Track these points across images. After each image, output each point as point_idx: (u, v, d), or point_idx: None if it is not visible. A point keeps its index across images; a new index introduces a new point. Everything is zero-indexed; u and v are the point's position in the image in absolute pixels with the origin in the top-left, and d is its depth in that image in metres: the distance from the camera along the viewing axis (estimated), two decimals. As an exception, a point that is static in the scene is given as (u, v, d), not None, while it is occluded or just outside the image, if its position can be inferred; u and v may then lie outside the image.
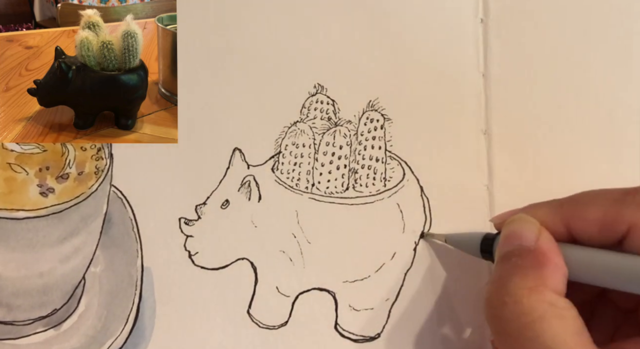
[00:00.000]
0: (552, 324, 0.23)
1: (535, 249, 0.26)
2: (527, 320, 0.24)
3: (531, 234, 0.26)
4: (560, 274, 0.25)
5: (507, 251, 0.26)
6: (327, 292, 0.32)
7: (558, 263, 0.25)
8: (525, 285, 0.24)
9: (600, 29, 0.36)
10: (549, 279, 0.24)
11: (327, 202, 0.32)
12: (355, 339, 0.32)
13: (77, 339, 0.30)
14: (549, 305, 0.24)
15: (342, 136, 0.33)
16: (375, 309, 0.32)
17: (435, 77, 0.34)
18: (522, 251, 0.26)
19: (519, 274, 0.25)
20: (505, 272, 0.25)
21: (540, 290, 0.24)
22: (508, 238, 0.27)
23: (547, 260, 0.25)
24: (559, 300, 0.24)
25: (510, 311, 0.24)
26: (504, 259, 0.26)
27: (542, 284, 0.24)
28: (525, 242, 0.26)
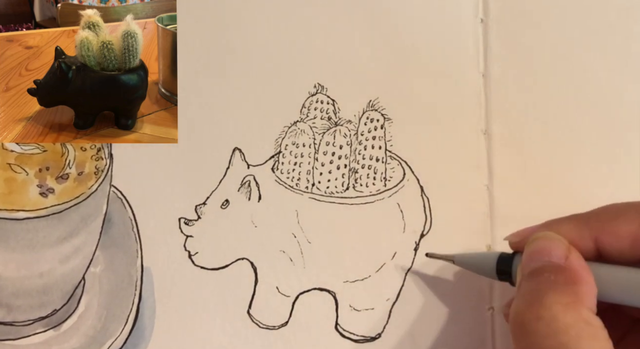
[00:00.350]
0: (587, 345, 0.22)
1: (567, 267, 0.25)
2: (564, 339, 0.23)
3: (561, 251, 0.25)
4: (593, 293, 0.24)
5: (537, 266, 0.25)
6: (327, 292, 0.32)
7: (590, 282, 0.24)
8: (561, 300, 0.23)
9: (600, 29, 0.36)
10: (584, 297, 0.24)
11: (328, 202, 0.32)
12: (356, 340, 0.32)
13: (77, 340, 0.30)
14: (585, 324, 0.23)
15: (342, 136, 0.33)
16: (375, 310, 0.32)
17: (435, 77, 0.34)
18: (554, 267, 0.25)
19: (554, 289, 0.24)
20: (539, 286, 0.24)
21: (577, 307, 0.23)
22: (535, 254, 0.26)
23: (580, 277, 0.24)
24: (594, 319, 0.23)
25: (546, 326, 0.23)
26: (534, 274, 0.25)
27: (579, 301, 0.23)
28: (555, 259, 0.25)
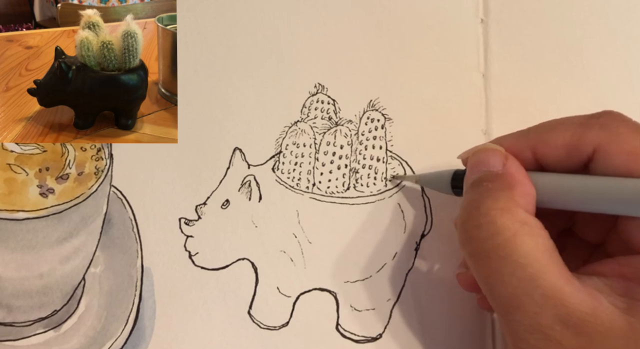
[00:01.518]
0: (524, 242, 0.24)
1: (504, 173, 0.26)
2: (501, 239, 0.24)
3: (497, 159, 0.27)
4: (529, 196, 0.26)
5: (477, 177, 0.27)
6: (328, 292, 0.32)
7: (527, 184, 0.26)
8: (497, 206, 0.25)
9: (600, 29, 0.36)
10: (519, 200, 0.25)
11: (328, 202, 0.32)
12: (357, 340, 0.32)
13: (77, 340, 0.30)
14: (521, 224, 0.24)
15: (342, 136, 0.33)
16: (376, 310, 0.32)
17: (435, 77, 0.34)
18: (491, 176, 0.26)
19: (491, 196, 0.25)
20: (477, 196, 0.26)
21: (513, 210, 0.24)
22: (476, 166, 0.27)
23: (516, 182, 0.26)
24: (531, 219, 0.25)
25: (485, 231, 0.24)
26: (473, 185, 0.27)
27: (514, 204, 0.25)
28: (493, 167, 0.26)
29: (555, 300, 0.23)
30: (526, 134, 0.28)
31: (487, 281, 0.25)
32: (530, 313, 0.23)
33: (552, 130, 0.27)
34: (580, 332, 0.23)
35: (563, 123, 0.27)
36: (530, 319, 0.23)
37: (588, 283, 0.24)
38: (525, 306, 0.23)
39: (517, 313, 0.23)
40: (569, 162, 0.26)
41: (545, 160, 0.27)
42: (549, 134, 0.27)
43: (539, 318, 0.23)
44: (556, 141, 0.26)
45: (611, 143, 0.25)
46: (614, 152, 0.25)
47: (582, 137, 0.25)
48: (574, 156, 0.26)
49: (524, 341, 0.23)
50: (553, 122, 0.27)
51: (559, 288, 0.23)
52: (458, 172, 0.29)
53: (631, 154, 0.24)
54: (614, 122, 0.25)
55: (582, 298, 0.23)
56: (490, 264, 0.24)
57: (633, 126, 0.25)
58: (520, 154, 0.27)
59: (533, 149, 0.27)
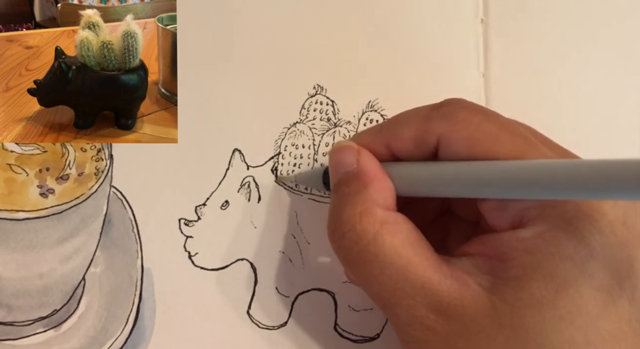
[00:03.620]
0: (386, 242, 0.24)
1: (358, 171, 0.26)
2: (363, 244, 0.24)
3: (351, 157, 0.27)
4: (386, 190, 0.26)
5: (336, 181, 0.27)
6: (326, 292, 0.32)
7: (382, 179, 0.26)
8: (355, 211, 0.25)
9: (600, 29, 0.36)
10: (376, 198, 0.25)
11: (327, 203, 0.32)
12: (355, 340, 0.32)
13: (77, 340, 0.30)
14: (380, 224, 0.25)
15: (341, 137, 0.33)
16: (374, 310, 0.32)
17: (435, 77, 0.34)
18: (347, 177, 0.27)
19: (348, 202, 0.26)
20: (337, 202, 0.26)
21: (370, 211, 0.25)
22: (334, 166, 0.28)
23: (370, 179, 0.26)
24: (389, 216, 0.25)
25: (348, 239, 0.25)
26: (334, 190, 0.27)
27: (371, 205, 0.25)
28: (348, 167, 0.27)
29: (425, 290, 0.23)
30: (380, 129, 0.28)
31: (362, 283, 0.25)
32: (406, 306, 0.24)
33: (401, 124, 0.27)
34: (452, 317, 0.23)
35: (410, 117, 0.27)
36: (407, 312, 0.24)
37: (457, 266, 0.24)
38: (400, 300, 0.24)
39: (394, 308, 0.24)
40: (419, 154, 0.27)
41: (399, 153, 0.27)
42: (398, 129, 0.27)
43: (413, 309, 0.24)
44: (404, 135, 0.27)
45: (452, 131, 0.25)
46: (454, 139, 0.25)
47: (425, 130, 0.26)
48: (422, 148, 0.26)
49: (406, 333, 0.24)
50: (402, 116, 0.28)
51: (427, 277, 0.24)
52: (328, 169, 0.29)
53: (469, 138, 0.25)
54: (454, 111, 0.26)
55: (449, 283, 0.23)
56: (360, 268, 0.25)
57: (473, 111, 0.26)
58: (377, 150, 0.27)
59: (387, 143, 0.27)
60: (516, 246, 0.23)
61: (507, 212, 0.25)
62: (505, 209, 0.25)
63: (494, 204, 0.25)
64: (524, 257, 0.23)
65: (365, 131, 0.29)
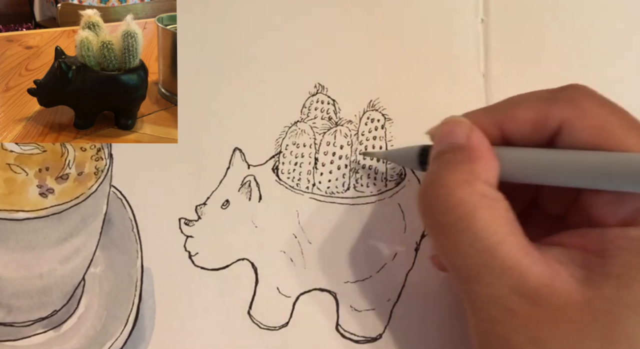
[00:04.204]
0: (483, 215, 0.24)
1: (467, 145, 0.26)
2: (460, 212, 0.24)
3: (462, 131, 0.26)
4: (492, 169, 0.25)
5: (440, 149, 0.27)
6: (328, 292, 0.32)
7: (490, 158, 0.25)
8: (457, 178, 0.25)
9: (600, 29, 0.36)
10: (480, 172, 0.25)
11: (328, 202, 0.32)
12: (357, 340, 0.32)
13: (77, 341, 0.30)
14: (480, 196, 0.24)
15: (342, 136, 0.33)
16: (376, 310, 0.32)
17: (435, 77, 0.34)
18: (454, 148, 0.26)
19: (451, 168, 0.25)
20: (437, 167, 0.26)
21: (472, 182, 0.24)
22: (440, 138, 0.27)
23: (479, 154, 0.25)
24: (491, 191, 0.25)
25: (444, 203, 0.24)
26: (437, 156, 0.26)
27: (474, 177, 0.25)
28: (457, 139, 0.26)
29: (513, 271, 0.23)
30: (492, 109, 0.27)
31: (447, 252, 0.25)
32: (488, 284, 0.23)
33: (518, 105, 0.26)
34: (536, 303, 0.23)
35: (529, 98, 0.27)
36: (488, 289, 0.23)
37: (548, 254, 0.24)
38: (484, 277, 0.23)
39: (475, 284, 0.24)
40: (535, 138, 0.26)
41: (512, 136, 0.27)
42: (515, 110, 0.26)
43: (495, 288, 0.23)
44: (522, 117, 0.26)
45: (577, 118, 0.25)
46: (580, 126, 0.25)
47: (547, 112, 0.25)
48: (540, 131, 0.26)
49: (482, 311, 0.24)
50: (519, 97, 0.27)
51: (517, 259, 0.23)
52: (426, 147, 0.29)
53: (596, 128, 0.24)
54: (580, 97, 0.25)
55: (540, 269, 0.23)
56: (449, 236, 0.24)
57: (598, 100, 0.25)
58: (487, 130, 0.27)
59: (499, 124, 0.27)
60: (624, 244, 0.23)
61: (622, 208, 0.24)
62: (620, 204, 0.24)
63: (610, 197, 0.24)
64: (631, 256, 0.23)
65: (476, 110, 0.28)
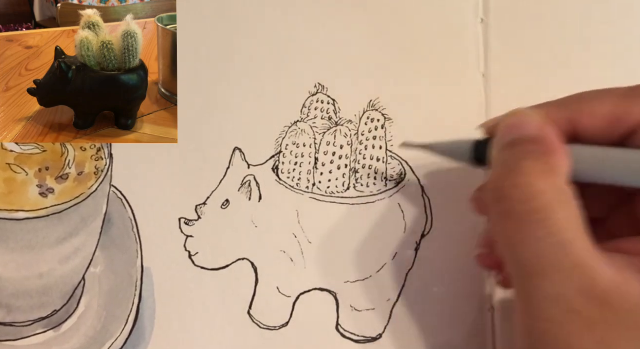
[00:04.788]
0: (561, 209, 0.23)
1: (542, 138, 0.25)
2: (538, 203, 0.23)
3: (536, 124, 0.25)
4: (566, 164, 0.24)
5: (511, 139, 0.25)
6: (328, 292, 0.32)
7: (565, 153, 0.24)
8: (537, 168, 0.24)
9: (600, 29, 0.36)
10: (558, 166, 0.24)
11: (328, 202, 0.32)
12: (357, 340, 0.32)
13: (77, 340, 0.30)
14: (559, 190, 0.23)
15: (342, 136, 0.33)
16: (376, 310, 0.32)
17: (435, 77, 0.34)
18: (530, 139, 0.25)
19: (530, 158, 0.24)
20: (514, 156, 0.24)
21: (552, 175, 0.23)
22: (511, 128, 0.26)
23: (555, 148, 0.24)
24: (567, 188, 0.24)
25: (521, 192, 0.23)
26: (510, 145, 0.25)
27: (554, 170, 0.24)
28: (530, 131, 0.25)
29: (584, 271, 0.22)
30: (564, 103, 0.26)
31: (515, 243, 0.23)
32: (554, 281, 0.22)
33: (594, 100, 0.25)
34: (606, 305, 0.22)
35: (605, 94, 0.25)
36: (553, 287, 0.22)
37: (614, 259, 0.23)
38: (551, 273, 0.22)
39: (540, 280, 0.23)
40: (610, 135, 0.25)
41: (585, 132, 0.26)
42: (590, 104, 0.25)
43: (562, 287, 0.22)
44: (598, 112, 0.25)
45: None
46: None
47: (627, 109, 0.24)
48: (616, 129, 0.25)
49: (543, 310, 0.23)
50: (593, 93, 0.26)
51: (587, 259, 0.22)
52: (480, 141, 0.28)
53: None
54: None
55: (610, 272, 0.22)
56: (521, 226, 0.23)
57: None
58: (559, 124, 0.26)
59: (572, 119, 0.26)
60: None
61: None
62: None
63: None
64: None
65: (546, 103, 0.27)
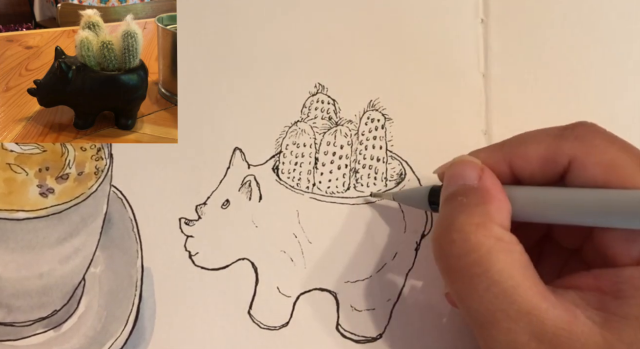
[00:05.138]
0: (499, 259, 0.23)
1: (479, 187, 0.26)
2: (475, 256, 0.24)
3: (473, 173, 0.26)
4: (505, 210, 0.25)
5: (452, 191, 0.26)
6: (328, 292, 0.32)
7: (502, 199, 0.25)
8: (472, 221, 0.24)
9: (600, 29, 0.36)
10: (494, 215, 0.25)
11: (328, 202, 0.32)
12: (357, 340, 0.32)
13: (77, 340, 0.30)
14: (496, 240, 0.24)
15: (343, 136, 0.33)
16: (376, 310, 0.32)
17: (435, 77, 0.34)
18: (466, 190, 0.26)
19: (465, 211, 0.25)
20: (452, 211, 0.25)
21: (487, 225, 0.24)
22: (451, 179, 0.27)
23: (491, 197, 0.25)
24: (505, 234, 0.24)
25: (459, 247, 0.24)
26: (449, 199, 0.26)
27: (489, 219, 0.24)
28: (469, 181, 0.26)
29: (531, 316, 0.23)
30: (501, 147, 0.27)
31: (462, 297, 0.24)
32: (506, 329, 0.23)
33: (527, 143, 0.26)
34: (556, 347, 0.22)
35: (538, 135, 0.26)
36: (506, 335, 0.23)
37: (564, 297, 0.24)
38: (501, 322, 0.23)
39: (492, 329, 0.23)
40: (545, 175, 0.26)
41: (521, 173, 0.27)
42: (524, 147, 0.26)
43: (514, 334, 0.23)
44: (531, 154, 0.26)
45: (587, 155, 0.25)
46: (590, 163, 0.24)
47: (557, 150, 0.25)
48: (550, 169, 0.26)
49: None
50: (527, 135, 0.27)
51: (534, 303, 0.23)
52: (435, 188, 0.29)
53: (607, 165, 0.24)
54: (589, 134, 0.25)
55: (557, 313, 0.23)
56: (464, 280, 0.24)
57: (608, 137, 0.25)
58: (497, 168, 0.27)
59: (509, 162, 0.27)
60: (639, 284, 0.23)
61: (636, 246, 0.24)
62: (634, 243, 0.24)
63: (621, 236, 0.24)
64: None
65: (484, 148, 0.28)
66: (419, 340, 0.32)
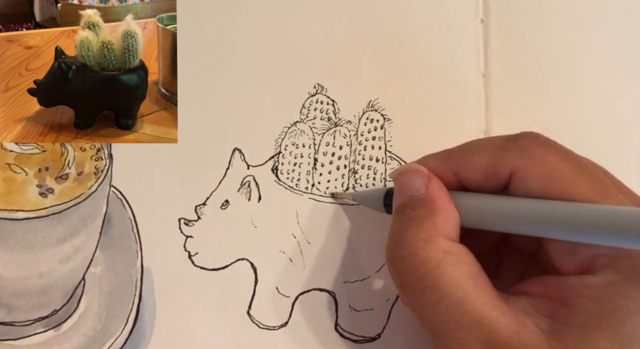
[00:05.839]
0: (448, 271, 0.24)
1: (426, 198, 0.26)
2: (425, 271, 0.24)
3: (421, 182, 0.27)
4: (452, 220, 0.26)
5: (401, 203, 0.27)
6: (327, 292, 0.32)
7: (449, 209, 0.26)
8: (419, 237, 0.25)
9: (600, 29, 0.36)
10: (441, 227, 0.25)
11: (327, 202, 0.32)
12: (356, 340, 0.32)
13: (77, 340, 0.30)
14: (443, 253, 0.24)
15: (342, 136, 0.33)
16: (375, 310, 0.32)
17: (435, 77, 0.34)
18: (415, 202, 0.26)
19: (412, 226, 0.25)
20: (401, 225, 0.26)
21: (434, 239, 0.25)
22: (400, 189, 0.27)
23: (438, 208, 0.26)
24: (453, 246, 0.25)
25: (408, 263, 0.25)
26: (397, 212, 0.27)
27: (436, 233, 0.25)
28: (416, 191, 0.26)
29: (482, 325, 0.23)
30: (449, 155, 0.28)
31: (417, 310, 0.25)
32: (459, 339, 0.23)
33: (472, 153, 0.27)
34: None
35: (483, 146, 0.27)
36: (459, 345, 0.23)
37: (516, 305, 0.24)
38: (454, 332, 0.24)
39: (447, 340, 0.24)
40: (490, 185, 0.26)
41: (468, 182, 0.27)
42: (469, 157, 0.27)
43: (467, 343, 0.23)
44: (475, 164, 0.26)
45: (527, 167, 0.25)
46: (530, 175, 0.25)
47: (499, 161, 0.26)
48: (493, 179, 0.26)
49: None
50: (474, 144, 0.27)
51: (485, 313, 0.23)
52: (390, 191, 0.29)
53: (546, 177, 0.24)
54: (531, 145, 0.25)
55: (507, 322, 0.23)
56: (417, 294, 0.25)
57: (549, 148, 0.25)
58: (444, 176, 0.27)
59: (455, 170, 0.27)
60: (582, 292, 0.23)
61: (576, 256, 0.24)
62: (574, 253, 0.24)
63: (563, 246, 0.25)
64: (590, 305, 0.23)
65: (433, 155, 0.29)
66: (417, 340, 0.32)
